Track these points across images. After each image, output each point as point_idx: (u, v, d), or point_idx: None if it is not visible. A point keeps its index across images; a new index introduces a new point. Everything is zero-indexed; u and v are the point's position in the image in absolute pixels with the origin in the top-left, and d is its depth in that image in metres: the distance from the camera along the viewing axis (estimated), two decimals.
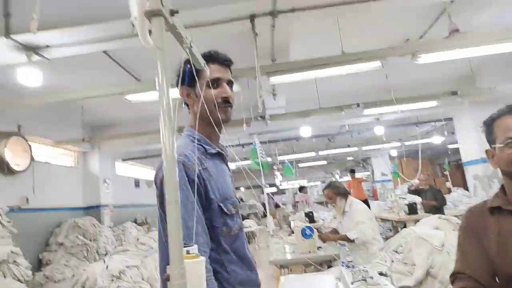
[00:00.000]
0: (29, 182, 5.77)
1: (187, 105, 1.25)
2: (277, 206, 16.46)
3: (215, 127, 1.19)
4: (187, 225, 0.96)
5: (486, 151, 1.21)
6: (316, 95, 6.00)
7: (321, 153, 11.25)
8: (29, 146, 5.65)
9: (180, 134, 1.26)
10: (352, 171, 10.55)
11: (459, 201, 7.95)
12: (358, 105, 5.69)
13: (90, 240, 6.28)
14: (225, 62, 1.24)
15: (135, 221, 8.79)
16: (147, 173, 11.19)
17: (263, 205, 19.37)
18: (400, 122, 8.67)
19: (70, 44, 2.99)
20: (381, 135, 8.55)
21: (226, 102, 1.20)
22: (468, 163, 7.30)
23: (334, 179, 14.94)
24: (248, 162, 6.66)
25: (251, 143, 6.97)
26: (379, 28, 4.40)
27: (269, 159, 8.98)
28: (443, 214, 5.73)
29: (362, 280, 2.20)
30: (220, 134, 1.25)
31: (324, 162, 14.62)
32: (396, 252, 3.14)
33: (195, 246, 0.74)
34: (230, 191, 1.19)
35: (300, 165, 13.96)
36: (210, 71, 1.16)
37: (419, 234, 2.92)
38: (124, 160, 9.39)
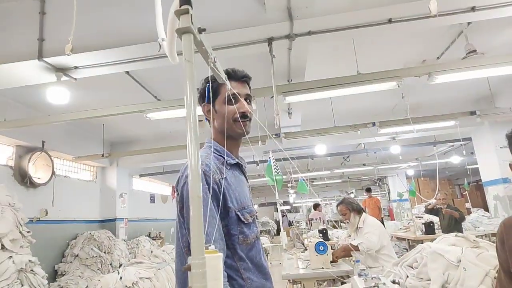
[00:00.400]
0: (49, 195, 5.95)
1: (208, 120, 1.33)
2: (290, 224, 16.28)
3: (234, 140, 1.28)
4: (205, 232, 1.00)
5: (510, 165, 1.19)
6: (332, 114, 6.03)
7: (336, 171, 11.16)
8: (51, 161, 5.85)
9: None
10: (369, 190, 10.40)
11: (479, 222, 7.70)
12: (373, 124, 5.68)
13: (105, 253, 6.37)
14: (243, 79, 1.32)
15: (149, 235, 8.87)
16: (162, 188, 11.33)
17: (277, 222, 19.18)
18: (417, 142, 8.56)
19: (96, 65, 3.15)
20: (397, 154, 8.44)
21: (244, 116, 1.26)
22: (488, 183, 7.11)
23: (348, 196, 14.74)
24: (262, 179, 6.69)
25: (266, 161, 6.99)
26: (396, 48, 4.44)
27: (284, 177, 8.96)
28: (462, 231, 5.55)
29: (375, 286, 2.22)
30: (239, 146, 1.33)
31: (339, 181, 14.46)
32: (411, 267, 3.08)
33: (213, 246, 0.78)
34: (247, 200, 1.24)
35: (315, 183, 13.84)
36: (229, 88, 1.23)
37: (435, 249, 2.87)
38: (140, 175, 9.55)
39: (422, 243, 3.99)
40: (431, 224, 6.38)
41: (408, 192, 7.88)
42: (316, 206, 11.19)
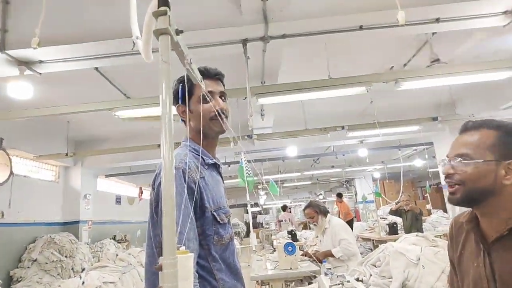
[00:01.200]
0: (6, 196, 5.58)
1: (184, 121, 1.31)
2: (260, 225, 16.36)
3: (211, 139, 1.27)
4: (180, 230, 0.99)
5: None
6: (303, 117, 6.14)
7: (306, 173, 11.37)
8: (10, 159, 5.51)
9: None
10: (340, 195, 10.79)
11: (438, 222, 8.16)
12: (343, 127, 5.85)
13: (66, 257, 6.07)
14: (216, 76, 1.31)
15: (114, 238, 8.56)
16: (129, 189, 10.98)
17: (247, 224, 19.19)
18: (383, 145, 8.90)
19: (63, 60, 3.01)
20: (364, 157, 8.73)
21: (221, 114, 1.25)
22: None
23: (316, 199, 15.06)
24: (234, 180, 6.68)
25: (238, 162, 7.00)
26: (366, 55, 4.60)
27: (255, 178, 9.00)
28: (422, 230, 5.92)
29: (340, 284, 2.34)
30: (216, 146, 1.33)
31: (309, 183, 14.72)
32: (375, 266, 3.21)
33: (183, 247, 0.78)
34: (223, 201, 1.24)
35: (285, 185, 14.01)
36: (203, 87, 1.22)
37: (397, 249, 3.01)
38: (106, 176, 9.21)
39: (386, 243, 4.18)
40: (395, 225, 6.68)
41: (374, 194, 8.18)
42: (285, 208, 11.36)
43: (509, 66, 3.58)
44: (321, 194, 17.56)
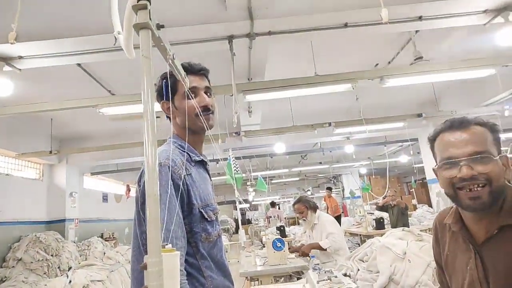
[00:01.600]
0: None
1: (169, 118, 1.29)
2: (249, 222, 16.39)
3: (198, 135, 1.26)
4: (167, 228, 0.98)
5: (433, 170, 1.05)
6: (290, 113, 6.16)
7: (294, 169, 11.44)
8: None
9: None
10: (329, 189, 10.90)
11: (423, 217, 8.33)
12: (329, 124, 5.89)
13: (52, 256, 5.98)
14: (200, 72, 1.29)
15: (101, 236, 8.46)
16: (116, 187, 10.85)
17: (235, 221, 19.20)
18: (369, 142, 9.01)
19: (44, 56, 2.94)
20: (351, 153, 8.83)
21: (207, 110, 1.24)
22: (432, 181, 7.68)
23: (305, 194, 15.18)
24: (222, 177, 6.67)
25: (226, 159, 6.99)
26: (351, 53, 4.64)
27: (244, 175, 9.01)
28: (408, 225, 6.05)
29: (327, 279, 2.37)
30: (203, 143, 1.31)
31: (297, 179, 14.82)
32: (362, 261, 3.26)
33: (170, 245, 0.78)
34: (211, 198, 1.22)
35: (274, 181, 14.07)
36: (187, 83, 1.19)
37: (384, 243, 3.06)
38: (92, 174, 9.08)
39: (373, 237, 4.28)
40: (381, 220, 6.78)
41: (361, 189, 8.28)
42: (273, 204, 11.43)
43: (489, 64, 3.66)
44: (309, 190, 17.69)
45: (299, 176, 14.18)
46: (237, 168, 6.47)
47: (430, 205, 8.71)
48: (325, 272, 2.50)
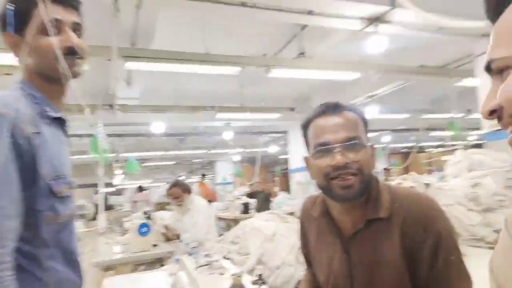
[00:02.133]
0: None
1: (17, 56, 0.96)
2: (111, 207, 15.13)
3: (57, 85, 0.96)
4: None
5: (305, 158, 1.01)
6: (173, 92, 5.87)
7: (170, 152, 11.10)
8: None
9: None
10: (204, 176, 11.01)
11: (282, 203, 9.33)
12: (212, 107, 5.89)
13: None
14: (69, 2, 0.98)
15: None
16: None
17: (96, 205, 17.35)
18: (245, 130, 9.43)
19: None
20: (229, 140, 9.09)
21: (73, 52, 0.96)
22: (294, 171, 8.59)
23: (180, 178, 14.95)
24: (83, 156, 5.89)
25: (91, 135, 6.13)
26: (243, 39, 4.68)
27: (113, 155, 8.17)
28: (269, 209, 6.68)
29: (207, 265, 2.19)
30: (65, 96, 1.01)
31: (173, 163, 14.44)
32: (233, 243, 3.36)
33: None
34: (66, 167, 0.96)
35: (146, 164, 13.34)
36: (48, 12, 0.91)
37: (256, 226, 3.22)
38: None
39: (239, 222, 4.53)
40: (247, 205, 7.31)
41: (235, 174, 8.61)
42: (141, 189, 10.92)
43: (357, 69, 4.25)
44: (183, 175, 17.49)
45: (175, 160, 13.84)
46: (106, 146, 5.80)
47: (289, 192, 9.76)
48: (204, 256, 2.31)
